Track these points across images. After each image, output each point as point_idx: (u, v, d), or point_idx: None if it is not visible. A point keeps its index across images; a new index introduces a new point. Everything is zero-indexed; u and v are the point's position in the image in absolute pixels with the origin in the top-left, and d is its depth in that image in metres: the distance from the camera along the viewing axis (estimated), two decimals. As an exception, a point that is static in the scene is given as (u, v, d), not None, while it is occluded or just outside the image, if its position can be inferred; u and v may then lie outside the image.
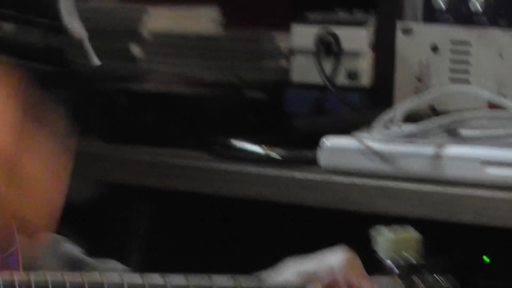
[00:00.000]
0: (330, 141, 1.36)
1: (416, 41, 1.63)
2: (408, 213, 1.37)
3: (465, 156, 1.31)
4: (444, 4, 1.57)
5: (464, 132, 1.35)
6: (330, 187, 1.40)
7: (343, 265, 1.02)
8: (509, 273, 1.38)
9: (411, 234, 1.03)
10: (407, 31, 1.59)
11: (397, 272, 1.05)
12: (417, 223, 1.12)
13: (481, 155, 1.30)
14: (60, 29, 1.64)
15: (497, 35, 1.45)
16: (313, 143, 1.37)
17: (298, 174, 1.44)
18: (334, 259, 1.01)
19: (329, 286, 0.99)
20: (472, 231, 1.33)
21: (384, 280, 1.03)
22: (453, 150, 1.31)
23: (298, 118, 1.57)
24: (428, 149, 1.35)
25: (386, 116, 1.37)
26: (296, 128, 1.56)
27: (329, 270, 1.02)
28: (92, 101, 1.84)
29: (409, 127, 1.34)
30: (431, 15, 1.60)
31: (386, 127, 1.37)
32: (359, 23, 1.68)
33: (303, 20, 1.67)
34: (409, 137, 1.36)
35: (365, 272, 1.01)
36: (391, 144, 1.34)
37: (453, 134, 1.37)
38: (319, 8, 1.73)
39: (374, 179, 1.39)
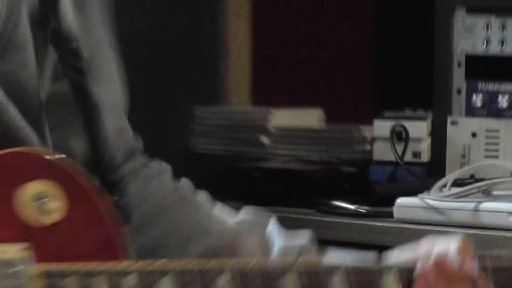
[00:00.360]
0: (401, 201, 1.79)
1: (461, 130, 2.05)
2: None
3: (496, 209, 1.75)
4: (480, 103, 2.02)
5: (495, 192, 1.80)
6: (401, 233, 1.80)
7: (458, 247, 1.31)
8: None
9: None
10: (454, 123, 2.02)
11: None
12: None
13: (507, 209, 1.72)
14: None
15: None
16: (390, 202, 1.80)
17: (379, 224, 1.88)
18: (450, 242, 1.30)
19: (438, 263, 1.29)
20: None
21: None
22: (488, 205, 1.74)
23: (378, 185, 2.02)
24: (469, 205, 1.77)
25: (440, 182, 1.78)
26: (377, 192, 1.98)
27: (443, 251, 1.33)
28: (234, 175, 2.24)
29: (456, 190, 1.78)
30: (471, 111, 2.04)
31: (440, 190, 1.80)
32: (421, 118, 2.14)
33: (382, 117, 2.14)
34: (457, 197, 1.79)
35: (475, 256, 1.14)
36: (444, 202, 1.77)
37: (487, 194, 1.81)
38: (393, 108, 2.22)
39: (432, 226, 1.79)
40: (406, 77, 2.63)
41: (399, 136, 2.02)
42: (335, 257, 1.24)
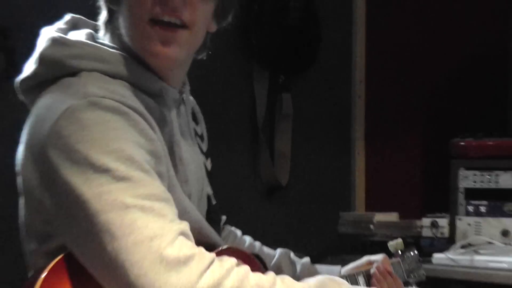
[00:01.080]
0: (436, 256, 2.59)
1: (462, 220, 2.83)
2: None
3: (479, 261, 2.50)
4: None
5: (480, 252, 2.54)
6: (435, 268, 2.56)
7: (382, 260, 1.83)
8: None
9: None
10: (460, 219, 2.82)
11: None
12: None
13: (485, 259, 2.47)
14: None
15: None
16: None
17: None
18: (379, 257, 1.85)
19: (378, 267, 1.82)
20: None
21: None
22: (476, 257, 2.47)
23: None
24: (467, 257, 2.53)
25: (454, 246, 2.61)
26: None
27: (378, 260, 1.84)
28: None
29: (461, 251, 2.56)
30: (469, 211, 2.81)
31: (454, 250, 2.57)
32: (443, 217, 2.92)
33: (425, 216, 2.91)
34: (461, 254, 2.54)
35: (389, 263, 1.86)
36: (454, 256, 2.52)
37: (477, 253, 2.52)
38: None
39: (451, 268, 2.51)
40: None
41: (434, 225, 2.91)
42: (323, 268, 1.91)
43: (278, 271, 1.75)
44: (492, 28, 3.29)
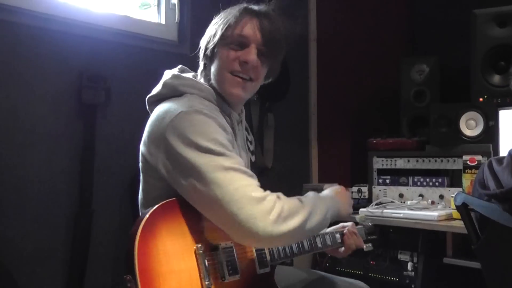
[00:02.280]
0: (361, 210, 2.66)
1: (376, 188, 2.77)
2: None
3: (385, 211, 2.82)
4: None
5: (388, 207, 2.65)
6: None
7: (351, 225, 1.85)
8: None
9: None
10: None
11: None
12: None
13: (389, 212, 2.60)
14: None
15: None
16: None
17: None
18: (349, 224, 1.85)
19: (348, 229, 1.82)
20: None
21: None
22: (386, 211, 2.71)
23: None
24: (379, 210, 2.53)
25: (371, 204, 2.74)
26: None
27: (348, 225, 1.85)
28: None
29: (376, 207, 2.71)
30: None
31: (371, 207, 2.67)
32: (364, 186, 2.81)
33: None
34: (376, 209, 2.56)
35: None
36: (373, 210, 2.67)
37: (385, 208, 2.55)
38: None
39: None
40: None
41: (359, 191, 2.83)
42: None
43: None
44: (390, 71, 3.31)
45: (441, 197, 2.60)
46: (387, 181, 2.82)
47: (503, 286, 1.42)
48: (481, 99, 2.63)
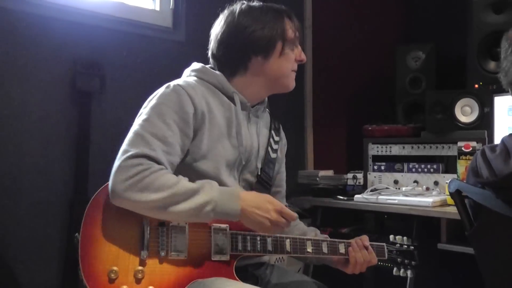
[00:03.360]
0: (357, 196, 2.67)
1: (371, 174, 2.77)
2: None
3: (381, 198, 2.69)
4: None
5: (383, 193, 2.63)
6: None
7: (363, 237, 1.60)
8: None
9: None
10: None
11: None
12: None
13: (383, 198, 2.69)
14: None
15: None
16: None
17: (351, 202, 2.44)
18: (362, 236, 1.60)
19: (356, 240, 1.58)
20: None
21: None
22: (380, 197, 2.64)
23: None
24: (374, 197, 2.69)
25: (366, 190, 2.77)
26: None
27: (360, 237, 1.60)
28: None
29: (371, 193, 2.85)
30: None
31: (366, 193, 2.69)
32: (359, 172, 2.78)
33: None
34: (371, 195, 2.73)
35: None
36: (367, 196, 2.64)
37: (380, 194, 2.63)
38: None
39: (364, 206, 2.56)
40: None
41: (355, 177, 2.81)
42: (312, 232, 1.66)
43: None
44: (386, 58, 3.29)
45: (436, 183, 2.58)
46: (382, 167, 2.79)
47: (496, 271, 1.41)
48: (476, 86, 2.62)
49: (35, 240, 1.98)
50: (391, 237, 1.71)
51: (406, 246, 1.68)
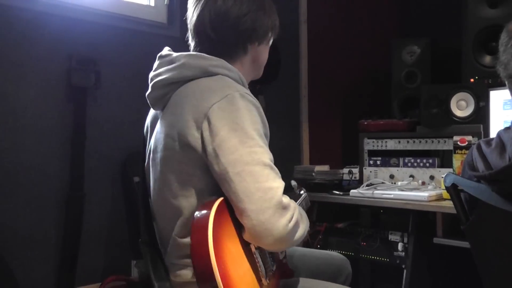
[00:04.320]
0: (352, 191, 2.59)
1: (366, 169, 2.81)
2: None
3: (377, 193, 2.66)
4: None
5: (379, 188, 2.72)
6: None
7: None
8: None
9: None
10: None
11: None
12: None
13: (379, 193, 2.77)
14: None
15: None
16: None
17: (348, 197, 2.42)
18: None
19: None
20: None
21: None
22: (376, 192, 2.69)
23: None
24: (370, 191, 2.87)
25: (362, 185, 2.83)
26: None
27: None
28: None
29: (366, 188, 2.84)
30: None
31: (362, 188, 2.76)
32: (355, 167, 2.75)
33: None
34: (366, 190, 2.66)
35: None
36: (363, 191, 2.69)
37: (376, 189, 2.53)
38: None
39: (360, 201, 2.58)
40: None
41: (350, 172, 2.77)
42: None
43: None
44: (381, 53, 3.29)
45: (432, 177, 2.58)
46: (378, 162, 2.79)
47: (491, 265, 1.40)
48: (472, 80, 2.62)
49: (31, 236, 1.98)
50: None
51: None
